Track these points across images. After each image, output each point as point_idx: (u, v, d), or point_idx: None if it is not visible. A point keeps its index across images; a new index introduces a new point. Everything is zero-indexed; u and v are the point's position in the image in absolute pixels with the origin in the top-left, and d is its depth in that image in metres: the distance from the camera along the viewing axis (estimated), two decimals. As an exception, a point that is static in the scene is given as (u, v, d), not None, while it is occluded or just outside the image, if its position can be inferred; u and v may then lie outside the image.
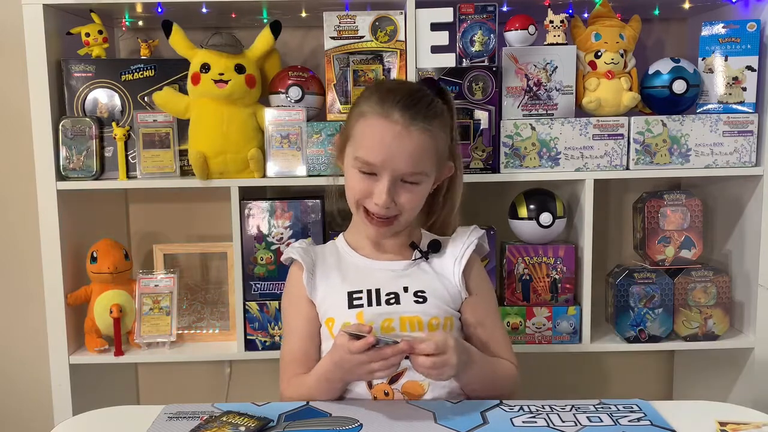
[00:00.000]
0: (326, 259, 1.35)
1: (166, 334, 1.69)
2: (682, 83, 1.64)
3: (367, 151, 1.23)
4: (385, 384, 1.23)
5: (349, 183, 1.28)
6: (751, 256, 1.70)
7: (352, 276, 1.31)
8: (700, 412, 1.18)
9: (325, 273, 1.32)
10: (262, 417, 1.10)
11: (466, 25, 1.63)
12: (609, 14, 1.65)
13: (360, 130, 1.25)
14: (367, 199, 1.25)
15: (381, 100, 1.24)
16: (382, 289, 1.28)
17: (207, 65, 1.57)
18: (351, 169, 1.26)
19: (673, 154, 1.64)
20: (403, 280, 1.29)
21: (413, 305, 1.26)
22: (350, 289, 1.28)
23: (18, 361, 2.00)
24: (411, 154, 1.22)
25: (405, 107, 1.22)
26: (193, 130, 1.62)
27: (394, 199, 1.23)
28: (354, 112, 1.29)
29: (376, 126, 1.23)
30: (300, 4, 1.65)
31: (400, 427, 1.10)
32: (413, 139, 1.22)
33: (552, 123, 1.62)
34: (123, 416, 1.21)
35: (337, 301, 1.28)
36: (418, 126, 1.22)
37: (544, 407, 1.17)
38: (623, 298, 1.68)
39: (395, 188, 1.23)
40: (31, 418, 2.01)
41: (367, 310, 1.26)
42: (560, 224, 1.69)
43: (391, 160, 1.21)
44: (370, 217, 1.27)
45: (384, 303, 1.26)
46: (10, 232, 1.96)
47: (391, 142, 1.21)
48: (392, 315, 1.25)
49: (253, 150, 1.60)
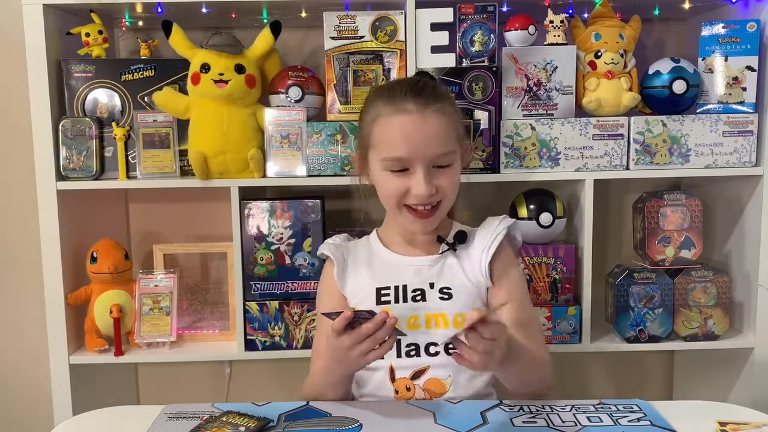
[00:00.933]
0: (358, 254, 1.36)
1: (166, 334, 1.69)
2: (682, 83, 1.64)
3: (392, 149, 1.23)
4: (407, 379, 1.24)
5: (384, 187, 1.27)
6: (751, 256, 1.70)
7: (380, 272, 1.32)
8: (700, 412, 1.18)
9: (356, 268, 1.33)
10: (262, 417, 1.11)
11: (466, 25, 1.63)
12: (609, 14, 1.65)
13: (379, 133, 1.25)
14: (407, 195, 1.25)
15: (388, 99, 1.25)
16: (408, 286, 1.28)
17: (207, 65, 1.57)
18: (381, 173, 1.26)
19: (673, 154, 1.64)
20: (430, 276, 1.29)
21: (439, 302, 1.26)
22: (378, 285, 1.30)
23: (18, 361, 2.00)
24: (435, 137, 1.23)
25: (414, 95, 1.23)
26: (193, 130, 1.62)
27: (434, 186, 1.23)
28: (365, 122, 1.29)
29: (393, 122, 1.23)
30: (300, 4, 1.65)
31: (400, 427, 1.10)
32: (432, 122, 1.23)
33: (552, 123, 1.62)
34: (123, 416, 1.21)
35: (365, 297, 1.29)
36: (432, 108, 1.23)
37: (544, 407, 1.17)
38: (623, 298, 1.68)
39: (431, 175, 1.23)
40: (31, 418, 2.01)
41: (394, 307, 1.27)
42: (560, 224, 1.69)
43: (418, 149, 1.22)
44: (415, 212, 1.26)
45: (410, 300, 1.27)
46: (10, 232, 1.96)
47: (413, 132, 1.22)
48: (418, 312, 1.26)
49: (253, 150, 1.60)
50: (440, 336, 1.24)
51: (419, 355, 1.26)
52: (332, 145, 1.62)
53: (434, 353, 1.25)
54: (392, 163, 1.24)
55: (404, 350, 1.26)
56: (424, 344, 1.26)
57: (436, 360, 1.25)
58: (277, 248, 1.65)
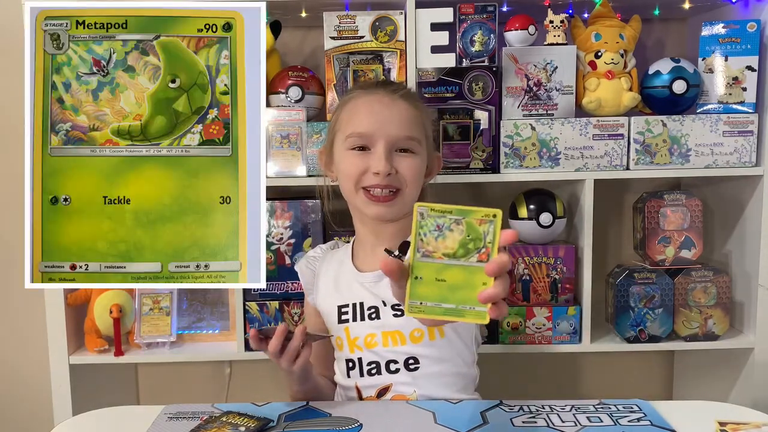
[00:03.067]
0: (330, 268, 1.36)
1: (166, 334, 1.69)
2: (682, 83, 1.64)
3: (357, 124, 1.24)
4: (373, 397, 1.25)
5: (344, 167, 1.26)
6: (751, 256, 1.70)
7: (341, 288, 1.31)
8: (700, 412, 1.18)
9: (325, 284, 1.34)
10: (262, 417, 1.11)
11: (466, 25, 1.63)
12: (609, 14, 1.65)
13: (346, 113, 1.27)
14: (365, 175, 1.23)
15: (361, 87, 1.30)
16: (364, 303, 1.27)
17: (207, 65, 1.57)
18: (343, 153, 1.26)
19: (673, 154, 1.64)
20: (381, 291, 1.24)
21: (393, 319, 1.23)
22: (339, 303, 1.29)
23: (18, 361, 2.00)
24: (401, 120, 1.24)
25: (386, 85, 1.30)
26: (193, 130, 1.62)
27: (393, 167, 1.22)
28: (336, 111, 1.33)
29: (361, 102, 1.26)
30: (300, 4, 1.65)
31: (400, 427, 1.10)
32: (400, 106, 1.25)
33: (552, 123, 1.62)
34: (123, 416, 1.21)
35: (329, 316, 1.31)
36: (402, 96, 1.26)
37: (544, 407, 1.17)
38: (623, 298, 1.68)
39: (392, 157, 1.23)
40: (31, 418, 2.02)
41: (352, 326, 1.26)
42: (560, 224, 1.69)
43: (382, 127, 1.22)
44: (371, 195, 1.24)
45: (367, 318, 1.25)
46: (10, 232, 1.96)
47: (381, 109, 1.24)
48: (375, 330, 1.24)
49: (253, 150, 1.60)
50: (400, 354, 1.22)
51: (380, 373, 1.24)
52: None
53: (395, 370, 1.23)
54: (354, 140, 1.24)
55: (365, 369, 1.25)
56: (384, 362, 1.24)
57: (397, 377, 1.23)
58: (277, 248, 1.65)
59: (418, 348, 1.22)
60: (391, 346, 1.23)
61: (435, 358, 1.22)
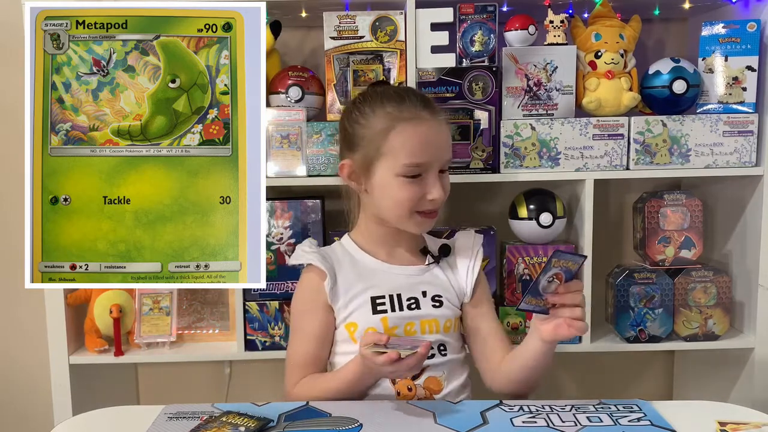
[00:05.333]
0: (341, 263, 1.35)
1: (166, 334, 1.69)
2: (682, 83, 1.64)
3: (414, 155, 1.26)
4: (408, 380, 1.28)
5: (396, 195, 1.27)
6: (751, 256, 1.70)
7: (372, 280, 1.32)
8: (700, 412, 1.18)
9: (345, 278, 1.33)
10: (262, 417, 1.11)
11: (466, 25, 1.63)
12: (609, 14, 1.65)
13: (395, 141, 1.26)
14: (420, 201, 1.28)
15: (396, 108, 1.27)
16: (403, 294, 1.31)
17: (207, 65, 1.57)
18: (393, 180, 1.27)
19: (673, 154, 1.64)
20: (421, 284, 1.34)
21: (432, 309, 1.32)
22: (373, 295, 1.31)
23: (18, 361, 2.00)
24: (447, 144, 1.31)
25: (423, 103, 1.30)
26: (193, 130, 1.62)
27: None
28: (371, 133, 1.28)
29: (412, 129, 1.26)
30: (300, 4, 1.65)
31: (400, 427, 1.10)
32: (444, 130, 1.31)
33: (552, 123, 1.62)
34: (123, 416, 1.21)
35: (360, 307, 1.30)
36: (441, 115, 1.31)
37: (544, 407, 1.17)
38: (623, 298, 1.68)
39: (439, 179, 1.29)
40: (31, 418, 2.02)
41: (390, 315, 1.30)
42: (560, 224, 1.69)
43: (436, 155, 1.28)
44: (423, 216, 1.30)
45: (406, 308, 1.30)
46: (10, 232, 1.96)
47: (433, 137, 1.28)
48: (414, 319, 1.30)
49: (253, 150, 1.60)
50: (434, 341, 1.30)
51: None
52: (332, 145, 1.62)
53: (430, 355, 1.28)
54: (411, 169, 1.26)
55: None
56: None
57: (432, 361, 1.29)
58: (277, 248, 1.65)
59: (446, 337, 1.32)
60: (428, 333, 1.31)
61: (455, 346, 1.34)
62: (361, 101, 1.33)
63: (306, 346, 1.32)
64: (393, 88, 1.37)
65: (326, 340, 1.33)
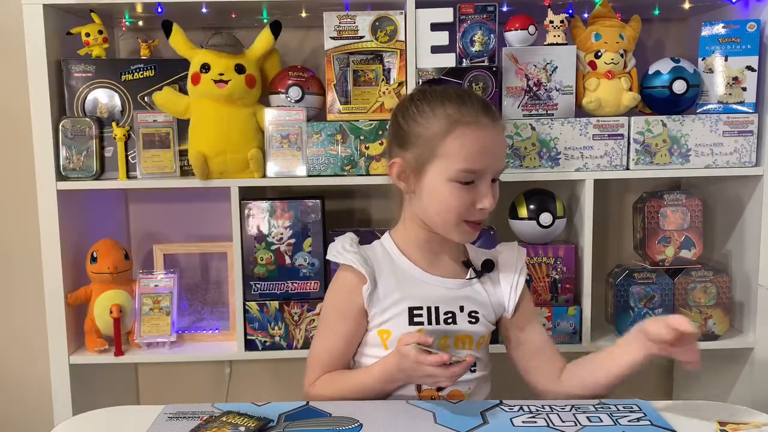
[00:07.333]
0: (381, 266, 1.30)
1: (166, 334, 1.69)
2: (682, 83, 1.64)
3: (470, 161, 1.21)
4: (433, 390, 1.26)
5: (446, 200, 1.23)
6: (751, 256, 1.70)
7: (410, 289, 1.29)
8: (700, 412, 1.17)
9: (384, 284, 1.28)
10: (262, 417, 1.10)
11: (466, 25, 1.63)
12: (609, 14, 1.65)
13: (453, 144, 1.21)
14: (470, 209, 1.23)
15: (457, 110, 1.21)
16: (441, 308, 1.28)
17: (207, 65, 1.57)
18: (446, 184, 1.22)
19: (673, 154, 1.64)
20: (460, 299, 1.29)
21: (467, 325, 1.28)
22: (411, 305, 1.27)
23: (18, 361, 2.00)
24: (503, 153, 1.28)
25: (484, 108, 1.23)
26: (193, 130, 1.62)
27: None
28: (429, 133, 1.23)
29: (471, 134, 1.21)
30: (300, 4, 1.65)
31: (400, 427, 1.10)
32: (501, 135, 1.26)
33: (552, 123, 1.62)
34: (123, 416, 1.21)
35: (396, 316, 1.27)
36: (500, 122, 1.25)
37: (544, 407, 1.17)
38: (623, 298, 1.68)
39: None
40: (31, 418, 2.02)
41: (427, 328, 1.26)
42: (560, 224, 1.69)
43: (491, 163, 1.23)
44: (471, 225, 1.25)
45: (443, 322, 1.27)
46: (10, 232, 1.96)
47: (491, 146, 1.23)
48: (449, 334, 1.28)
49: (253, 150, 1.60)
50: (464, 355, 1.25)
51: None
52: (332, 145, 1.62)
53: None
54: (466, 175, 1.21)
55: None
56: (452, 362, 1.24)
57: (463, 377, 1.23)
58: (277, 248, 1.65)
59: (478, 353, 1.29)
60: (461, 348, 1.28)
61: (485, 362, 1.33)
62: (420, 98, 1.26)
63: (333, 345, 1.30)
64: (453, 88, 1.30)
65: (354, 342, 1.31)
